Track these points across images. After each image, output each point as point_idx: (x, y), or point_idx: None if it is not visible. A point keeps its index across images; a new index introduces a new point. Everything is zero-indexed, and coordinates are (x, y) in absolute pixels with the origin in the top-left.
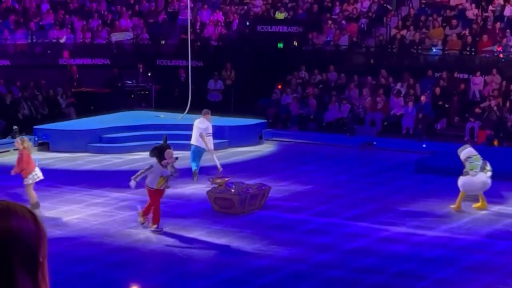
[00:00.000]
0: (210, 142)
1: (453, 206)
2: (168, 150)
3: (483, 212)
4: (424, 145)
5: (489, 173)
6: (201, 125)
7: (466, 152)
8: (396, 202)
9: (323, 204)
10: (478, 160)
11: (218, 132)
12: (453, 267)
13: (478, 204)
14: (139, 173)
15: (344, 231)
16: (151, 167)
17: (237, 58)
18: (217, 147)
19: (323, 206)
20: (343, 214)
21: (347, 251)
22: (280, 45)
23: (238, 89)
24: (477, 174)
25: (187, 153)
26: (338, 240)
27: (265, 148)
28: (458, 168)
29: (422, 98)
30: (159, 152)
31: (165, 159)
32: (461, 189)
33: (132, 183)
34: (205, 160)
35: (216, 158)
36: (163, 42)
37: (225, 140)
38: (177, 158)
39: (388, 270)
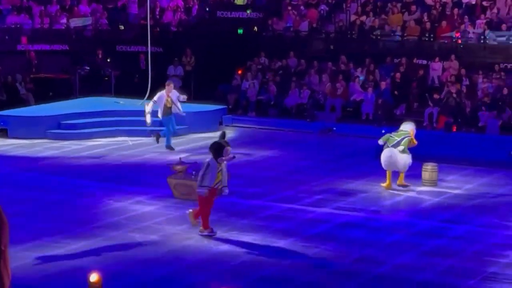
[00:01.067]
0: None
1: (384, 184)
2: (227, 148)
3: (443, 197)
4: (383, 131)
5: (401, 150)
6: (173, 95)
7: (404, 125)
8: (356, 188)
9: (283, 190)
10: (398, 136)
11: (178, 118)
12: (412, 252)
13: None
14: (200, 177)
15: (305, 217)
16: (209, 165)
17: (197, 44)
18: (177, 133)
19: (284, 192)
20: (304, 200)
21: (307, 237)
22: (240, 31)
23: (198, 75)
24: (386, 149)
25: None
26: (298, 226)
27: (226, 134)
28: (417, 153)
29: (381, 84)
30: (219, 149)
31: (222, 156)
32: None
33: (203, 190)
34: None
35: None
36: (122, 27)
37: (185, 126)
38: (234, 157)
39: (348, 256)
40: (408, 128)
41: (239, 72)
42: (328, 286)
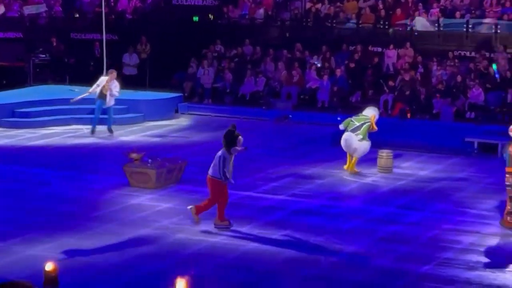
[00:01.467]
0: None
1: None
2: (240, 137)
3: (398, 183)
4: (339, 118)
5: (359, 139)
6: (112, 84)
7: (366, 110)
8: (312, 175)
9: (239, 177)
10: (358, 121)
11: (133, 106)
12: (368, 238)
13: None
14: (222, 171)
15: (261, 204)
16: (225, 159)
17: (152, 32)
18: (132, 121)
19: (240, 180)
20: (260, 187)
21: (264, 224)
22: (196, 18)
23: (154, 62)
24: (345, 133)
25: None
26: (255, 213)
27: (181, 122)
28: (373, 140)
29: (337, 72)
30: (232, 139)
31: (235, 146)
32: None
33: (229, 182)
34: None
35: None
36: (77, 15)
37: (141, 114)
38: (246, 148)
39: (305, 243)
40: (369, 113)
41: (194, 60)
42: (284, 274)
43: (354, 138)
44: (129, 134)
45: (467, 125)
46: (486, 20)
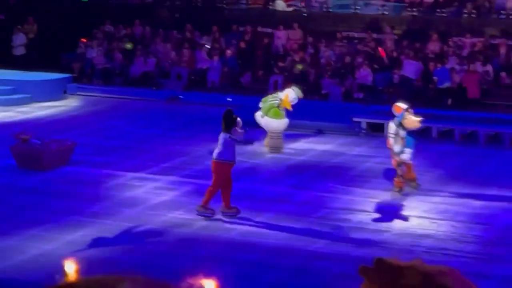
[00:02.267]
0: None
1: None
2: (238, 119)
3: (288, 163)
4: (229, 99)
5: (261, 115)
6: None
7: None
8: (203, 156)
9: (130, 158)
10: (265, 101)
11: (21, 87)
12: (259, 218)
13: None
14: (219, 153)
15: (153, 185)
16: (225, 141)
17: (40, 11)
18: (20, 102)
19: (131, 161)
20: (151, 168)
21: (155, 205)
22: None
23: (42, 43)
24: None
25: None
26: (145, 195)
27: (70, 103)
28: None
29: (227, 52)
30: (231, 120)
31: (235, 127)
32: None
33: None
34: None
35: None
36: None
37: (28, 95)
38: (246, 130)
39: (195, 224)
40: (284, 93)
41: (83, 40)
42: (175, 254)
43: (258, 116)
44: (16, 115)
45: (355, 105)
46: (374, 2)
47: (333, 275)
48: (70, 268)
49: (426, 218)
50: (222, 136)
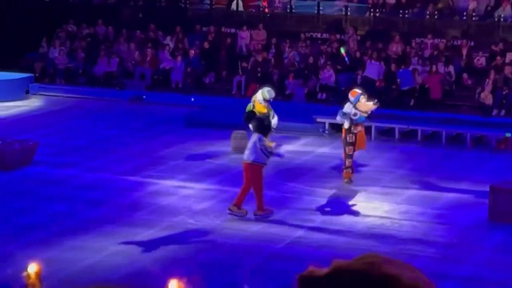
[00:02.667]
0: None
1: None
2: (272, 130)
3: None
4: (192, 99)
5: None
6: None
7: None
8: (166, 156)
9: (93, 159)
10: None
11: None
12: (222, 218)
13: None
14: (271, 149)
15: (115, 185)
16: (261, 140)
17: (1, 11)
18: None
19: (94, 161)
20: (114, 168)
21: (118, 206)
22: None
23: (3, 42)
24: None
25: None
26: (109, 195)
27: (32, 103)
28: (226, 122)
29: (190, 52)
30: (267, 128)
31: (269, 133)
32: None
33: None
34: None
35: None
36: None
37: None
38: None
39: (159, 224)
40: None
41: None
42: (136, 254)
43: None
44: None
45: (318, 105)
46: (337, 2)
47: (292, 275)
48: (33, 269)
49: (388, 218)
50: (254, 138)
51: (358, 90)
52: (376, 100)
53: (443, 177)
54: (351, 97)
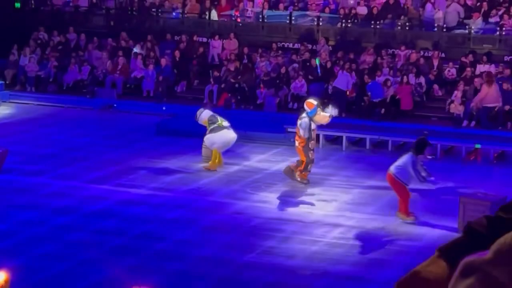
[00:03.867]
0: None
1: (206, 165)
2: (429, 147)
3: (222, 173)
4: (164, 108)
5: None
6: None
7: (206, 113)
8: (137, 165)
9: (63, 166)
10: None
11: None
12: (192, 227)
13: (211, 163)
14: (422, 172)
15: (85, 193)
16: (414, 163)
17: None
18: None
19: (64, 169)
20: (84, 176)
21: (88, 214)
22: (17, 4)
23: None
24: (227, 130)
25: None
26: (79, 203)
27: (3, 110)
28: (198, 130)
29: (162, 61)
30: (422, 147)
31: (423, 154)
32: (214, 147)
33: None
34: None
35: None
36: None
37: None
38: (433, 155)
39: (129, 232)
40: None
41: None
42: (105, 262)
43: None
44: None
45: (289, 115)
46: (309, 13)
47: (263, 285)
48: (1, 278)
49: (359, 228)
50: (407, 156)
51: (314, 102)
52: (331, 114)
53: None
54: (307, 108)
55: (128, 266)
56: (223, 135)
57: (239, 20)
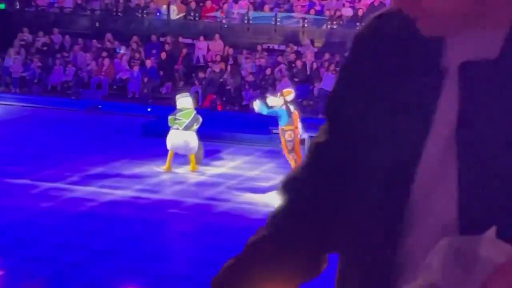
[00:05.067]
0: None
1: (163, 167)
2: None
3: (207, 175)
4: (149, 109)
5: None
6: None
7: (181, 101)
8: (122, 166)
9: (48, 168)
10: (186, 116)
11: None
12: (178, 229)
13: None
14: None
15: (70, 195)
16: None
17: None
18: None
19: (49, 171)
20: (69, 178)
21: (73, 215)
22: (2, 6)
23: None
24: (179, 131)
25: None
26: (63, 205)
27: None
28: None
29: (147, 62)
30: None
31: None
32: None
33: None
34: None
35: None
36: None
37: None
38: None
39: (114, 234)
40: (188, 103)
41: None
42: (91, 264)
43: (193, 135)
44: None
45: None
46: (294, 14)
47: None
48: None
49: None
50: None
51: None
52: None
53: None
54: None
55: (115, 268)
56: (169, 136)
57: (224, 21)
